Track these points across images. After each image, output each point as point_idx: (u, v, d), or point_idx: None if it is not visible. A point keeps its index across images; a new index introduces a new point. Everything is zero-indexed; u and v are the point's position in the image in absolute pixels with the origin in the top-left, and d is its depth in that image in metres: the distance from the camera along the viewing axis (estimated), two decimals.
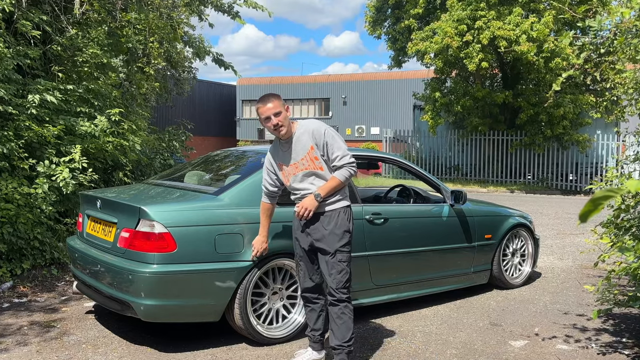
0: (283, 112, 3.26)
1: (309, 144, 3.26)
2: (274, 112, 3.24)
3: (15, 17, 5.93)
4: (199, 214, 3.66)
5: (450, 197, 4.93)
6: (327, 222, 3.28)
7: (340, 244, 3.28)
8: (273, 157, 3.45)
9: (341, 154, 3.24)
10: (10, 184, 5.26)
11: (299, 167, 3.29)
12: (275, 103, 3.26)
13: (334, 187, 3.25)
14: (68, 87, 6.22)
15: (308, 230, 3.34)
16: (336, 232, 3.27)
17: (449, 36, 16.78)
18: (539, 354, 3.80)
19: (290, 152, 3.31)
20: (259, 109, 3.28)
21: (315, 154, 3.26)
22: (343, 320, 3.30)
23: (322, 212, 3.28)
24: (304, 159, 3.28)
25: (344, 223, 3.30)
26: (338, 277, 3.27)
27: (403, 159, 5.03)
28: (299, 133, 3.30)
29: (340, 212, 3.30)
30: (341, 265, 3.28)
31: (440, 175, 20.25)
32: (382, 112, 31.43)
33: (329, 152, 3.25)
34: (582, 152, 18.13)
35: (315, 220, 3.30)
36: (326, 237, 3.27)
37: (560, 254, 7.45)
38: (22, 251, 5.39)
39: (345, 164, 3.24)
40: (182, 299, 3.58)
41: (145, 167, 8.04)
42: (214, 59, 12.57)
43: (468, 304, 4.99)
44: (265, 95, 3.34)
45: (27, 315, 4.39)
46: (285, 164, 3.36)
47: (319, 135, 3.25)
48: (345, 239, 3.30)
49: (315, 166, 3.26)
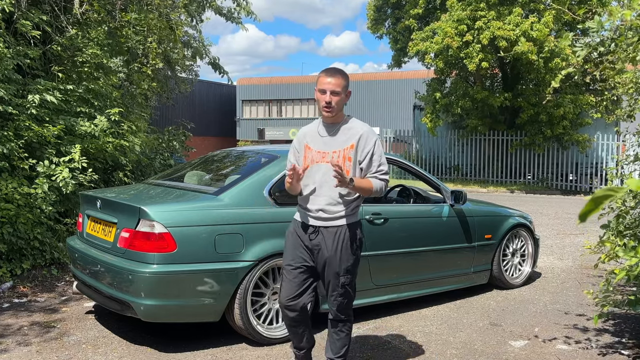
0: (342, 95, 2.95)
1: (352, 141, 2.97)
2: (332, 89, 2.91)
3: (15, 17, 5.93)
4: (199, 214, 3.66)
5: (450, 197, 4.93)
6: (331, 238, 2.96)
7: (344, 266, 2.96)
8: (305, 135, 3.10)
9: (385, 170, 3.01)
10: (10, 184, 5.26)
11: (327, 158, 2.97)
12: (340, 81, 2.93)
13: (365, 187, 2.94)
14: (68, 87, 6.22)
15: (310, 245, 3.00)
16: (340, 251, 2.95)
17: (449, 36, 16.79)
18: (539, 354, 3.80)
19: (329, 137, 3.01)
20: (320, 78, 2.95)
21: (350, 154, 2.96)
22: (340, 337, 3.09)
23: (326, 227, 2.97)
24: (337, 152, 2.97)
25: (349, 242, 2.97)
26: (339, 299, 3.00)
27: (403, 159, 5.03)
28: (349, 125, 3.02)
29: (349, 229, 2.98)
30: (344, 289, 2.98)
31: (440, 175, 20.25)
32: (382, 112, 31.44)
33: (372, 162, 2.97)
34: (582, 152, 18.14)
35: (319, 235, 2.99)
36: (330, 256, 2.96)
37: (560, 254, 7.45)
38: (22, 251, 5.39)
39: (384, 180, 3.00)
40: (182, 299, 3.58)
41: (145, 167, 8.04)
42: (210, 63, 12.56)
43: (468, 304, 4.99)
44: (333, 68, 3.01)
45: (27, 316, 4.38)
46: (315, 147, 3.02)
47: (369, 140, 2.98)
48: (349, 260, 2.98)
49: (343, 165, 2.94)
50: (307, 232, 3.01)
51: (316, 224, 2.99)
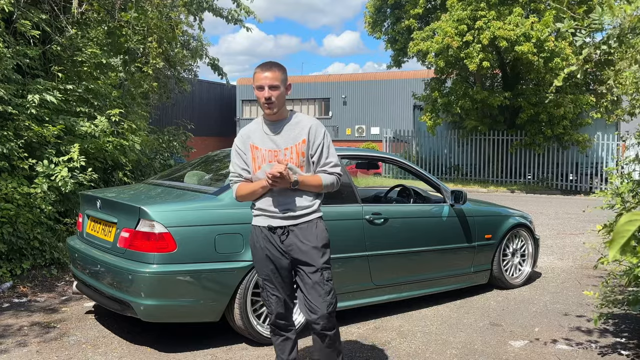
0: (282, 89, 2.80)
1: (303, 136, 2.84)
2: (269, 84, 2.75)
3: (14, 17, 5.93)
4: (199, 214, 3.66)
5: (450, 197, 4.93)
6: (304, 235, 2.83)
7: (324, 260, 2.83)
8: (249, 136, 2.92)
9: (335, 162, 2.88)
10: (10, 184, 5.25)
11: (279, 156, 2.83)
12: (276, 74, 2.77)
13: (313, 185, 2.83)
14: (68, 87, 6.22)
15: (283, 247, 2.84)
16: (318, 246, 2.82)
17: (449, 36, 16.80)
18: (539, 354, 3.80)
19: (276, 136, 2.86)
20: (256, 74, 2.79)
21: (303, 149, 2.83)
22: (333, 349, 2.89)
23: (296, 225, 2.83)
24: (288, 149, 2.83)
25: (323, 235, 2.86)
26: (328, 298, 2.80)
27: (403, 159, 5.03)
28: (295, 121, 2.89)
29: (318, 223, 2.87)
30: (329, 285, 2.82)
31: (440, 175, 20.25)
32: (382, 112, 31.42)
33: (322, 155, 2.86)
34: (582, 152, 18.15)
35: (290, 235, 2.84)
36: (308, 253, 2.81)
37: (560, 254, 7.44)
38: (22, 251, 5.39)
39: (336, 173, 2.88)
40: (182, 299, 3.58)
41: (145, 167, 8.04)
42: (210, 64, 12.56)
43: (468, 304, 4.99)
44: (268, 62, 2.84)
45: (27, 316, 4.38)
46: (263, 146, 2.86)
47: (318, 133, 2.86)
48: (327, 254, 2.86)
49: (297, 162, 2.82)
50: (277, 234, 2.84)
51: (285, 224, 2.83)
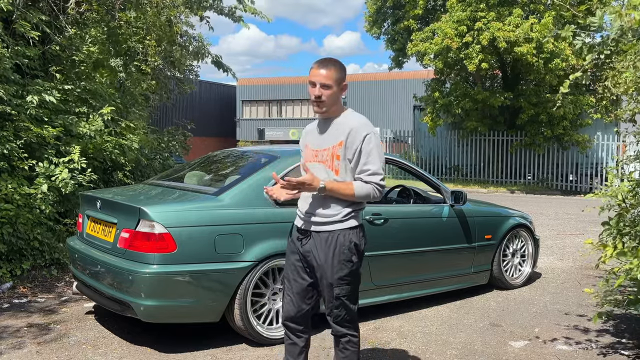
0: (334, 89, 2.64)
1: (341, 138, 2.66)
2: (322, 82, 2.63)
3: (14, 17, 5.93)
4: (199, 214, 3.66)
5: (450, 198, 4.93)
6: (321, 245, 2.67)
7: (339, 275, 2.65)
8: (307, 134, 2.87)
9: (374, 170, 2.63)
10: (10, 185, 5.25)
11: (318, 156, 2.73)
12: (331, 73, 2.63)
13: (342, 193, 2.62)
14: (66, 87, 6.22)
15: (302, 251, 2.75)
16: (333, 261, 2.64)
17: (448, 37, 16.81)
18: (539, 355, 3.80)
19: (322, 135, 2.75)
20: (311, 69, 2.68)
21: (339, 152, 2.66)
22: (345, 355, 2.75)
23: (318, 232, 2.69)
24: (326, 150, 2.70)
25: (342, 250, 2.65)
26: (335, 312, 2.69)
27: (403, 160, 5.03)
28: (341, 121, 2.71)
29: (341, 235, 2.66)
30: (340, 301, 2.67)
31: (440, 175, 20.26)
32: (382, 112, 31.44)
33: (360, 160, 2.64)
34: (582, 152, 18.15)
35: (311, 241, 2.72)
36: (322, 266, 2.67)
37: (560, 254, 7.44)
38: (22, 252, 5.38)
39: (374, 182, 2.63)
40: (182, 299, 3.58)
41: (145, 168, 8.03)
42: (213, 61, 12.59)
43: (468, 305, 4.98)
44: (327, 59, 2.72)
45: (26, 316, 4.38)
46: (310, 145, 2.80)
47: (358, 136, 2.64)
48: (344, 269, 2.65)
49: (332, 165, 2.67)
50: (300, 236, 2.77)
51: (307, 228, 2.73)
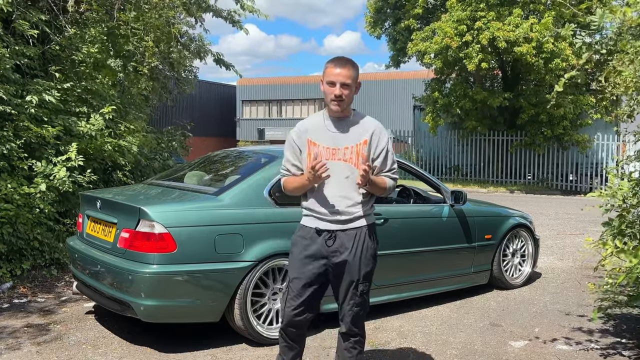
0: (353, 88, 2.72)
1: (365, 137, 2.76)
2: (342, 82, 2.67)
3: (13, 17, 5.93)
4: (199, 214, 3.66)
5: (450, 198, 4.93)
6: (349, 242, 2.75)
7: (364, 272, 2.77)
8: (307, 130, 2.80)
9: (396, 169, 2.87)
10: (10, 184, 5.25)
11: (338, 154, 2.73)
12: (350, 72, 2.69)
13: (379, 187, 2.77)
14: (65, 85, 6.21)
15: (326, 252, 2.76)
16: (360, 257, 2.76)
17: (448, 36, 16.80)
18: (539, 355, 3.80)
19: (341, 134, 2.76)
20: (328, 69, 2.70)
21: (364, 151, 2.74)
22: (352, 354, 2.84)
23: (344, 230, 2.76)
24: (349, 148, 2.74)
25: (371, 245, 2.81)
26: (356, 310, 2.78)
27: (403, 159, 5.03)
28: (360, 120, 2.81)
29: (367, 231, 2.80)
30: (362, 298, 2.79)
31: (440, 175, 20.25)
32: (382, 113, 31.41)
33: (387, 160, 2.81)
34: (582, 152, 18.14)
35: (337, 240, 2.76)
36: (349, 262, 2.74)
37: (560, 254, 7.44)
38: (22, 251, 5.38)
39: (396, 179, 2.87)
40: (182, 299, 3.58)
41: (144, 168, 8.03)
42: (215, 59, 12.60)
43: (468, 305, 4.98)
44: (343, 58, 2.75)
45: (26, 316, 4.38)
46: (322, 143, 2.75)
47: (382, 137, 2.80)
48: (369, 266, 2.80)
49: (355, 162, 2.73)
50: (322, 237, 2.76)
51: (332, 228, 2.75)
